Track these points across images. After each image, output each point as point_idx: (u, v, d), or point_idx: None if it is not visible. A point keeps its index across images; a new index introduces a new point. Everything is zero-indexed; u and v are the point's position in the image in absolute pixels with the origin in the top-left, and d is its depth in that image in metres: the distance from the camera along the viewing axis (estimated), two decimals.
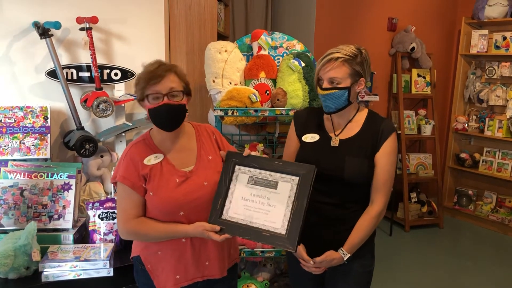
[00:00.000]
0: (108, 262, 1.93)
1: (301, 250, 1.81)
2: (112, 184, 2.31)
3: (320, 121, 1.95)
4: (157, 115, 1.68)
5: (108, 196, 2.35)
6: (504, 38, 4.66)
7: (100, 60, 2.53)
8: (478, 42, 4.88)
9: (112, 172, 2.30)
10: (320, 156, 1.85)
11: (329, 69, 1.79)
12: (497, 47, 4.73)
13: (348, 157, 1.81)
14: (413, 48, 4.78)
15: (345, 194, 1.83)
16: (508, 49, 4.65)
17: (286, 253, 2.04)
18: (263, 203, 1.67)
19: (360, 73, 1.81)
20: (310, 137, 1.91)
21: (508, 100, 4.73)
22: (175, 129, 1.73)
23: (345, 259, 1.80)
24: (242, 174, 1.73)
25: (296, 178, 1.66)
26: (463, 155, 5.09)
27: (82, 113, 2.51)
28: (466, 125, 5.10)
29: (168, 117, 1.69)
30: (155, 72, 1.64)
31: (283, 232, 1.61)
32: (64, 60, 2.48)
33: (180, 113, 1.71)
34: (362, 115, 1.91)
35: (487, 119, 4.89)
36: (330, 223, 1.85)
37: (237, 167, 1.74)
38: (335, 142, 1.87)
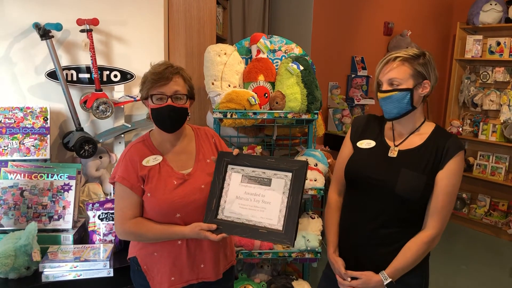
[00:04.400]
0: (108, 262, 1.94)
1: (340, 265, 1.73)
2: (111, 184, 2.33)
3: (381, 129, 1.80)
4: (160, 115, 1.70)
5: (108, 197, 2.36)
6: (498, 43, 4.71)
7: (100, 62, 2.54)
8: (473, 47, 4.92)
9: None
10: (372, 164, 1.72)
11: (388, 70, 1.65)
12: (492, 52, 4.78)
13: (405, 170, 1.65)
14: None
15: (394, 210, 1.67)
16: (502, 54, 4.70)
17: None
18: (258, 201, 1.67)
19: (423, 74, 1.64)
20: (366, 143, 1.78)
21: (501, 105, 4.77)
22: (175, 131, 1.75)
23: (385, 283, 1.63)
24: (235, 173, 1.73)
25: (289, 174, 1.67)
26: None
27: (81, 114, 2.53)
28: (461, 129, 5.14)
29: (170, 119, 1.71)
30: (162, 74, 1.66)
31: (280, 228, 1.62)
32: (64, 61, 2.50)
33: (182, 116, 1.73)
34: (428, 128, 1.73)
35: (481, 123, 4.93)
36: (373, 243, 1.71)
37: (229, 166, 1.74)
38: (393, 153, 1.71)
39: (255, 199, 1.68)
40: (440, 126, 1.77)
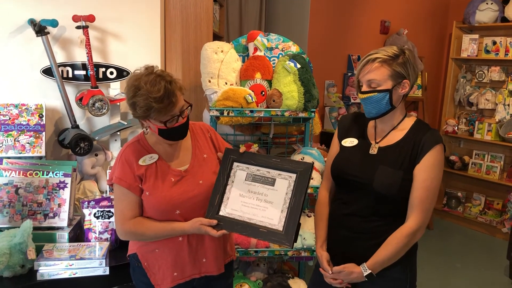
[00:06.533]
0: (103, 260, 1.93)
1: (324, 258, 1.76)
2: (109, 186, 2.32)
3: (364, 127, 1.84)
4: (172, 133, 1.69)
5: (103, 195, 2.35)
6: (494, 42, 4.72)
7: (96, 59, 2.52)
8: (469, 46, 4.94)
9: (108, 173, 2.30)
10: (353, 162, 1.76)
11: (367, 72, 1.68)
12: (487, 52, 4.80)
13: (382, 166, 1.69)
14: None
15: (374, 206, 1.71)
16: (497, 53, 4.71)
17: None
18: (261, 200, 1.68)
19: (402, 75, 1.67)
20: (349, 142, 1.83)
21: (497, 104, 4.80)
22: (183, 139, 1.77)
23: (364, 274, 1.67)
24: (240, 171, 1.74)
25: (294, 175, 1.67)
26: (452, 157, 5.15)
27: (77, 111, 2.51)
28: (456, 128, 5.16)
29: (181, 132, 1.72)
30: (166, 99, 1.59)
31: (280, 229, 1.62)
32: (60, 58, 2.48)
33: (188, 124, 1.75)
34: (408, 123, 1.76)
35: (476, 122, 4.95)
36: (358, 237, 1.74)
37: (235, 164, 1.76)
38: (373, 150, 1.76)
39: (257, 198, 1.69)
40: (422, 120, 1.81)
